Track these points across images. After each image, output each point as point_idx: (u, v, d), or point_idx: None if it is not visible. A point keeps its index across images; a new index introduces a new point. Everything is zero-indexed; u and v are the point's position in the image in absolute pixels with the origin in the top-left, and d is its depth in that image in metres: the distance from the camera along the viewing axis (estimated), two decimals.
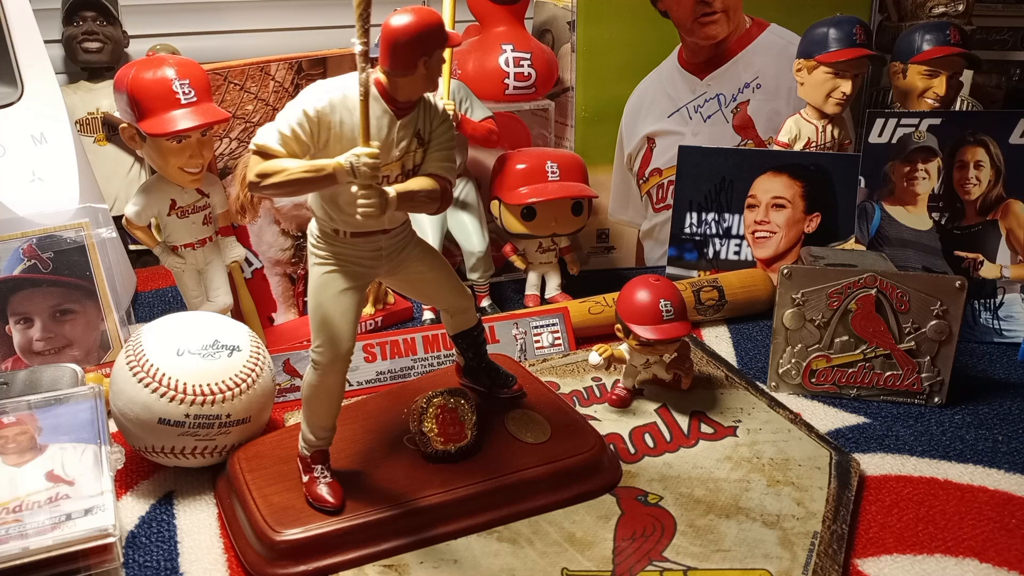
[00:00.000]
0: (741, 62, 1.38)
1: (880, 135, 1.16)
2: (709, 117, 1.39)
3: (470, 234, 1.23)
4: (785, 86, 1.38)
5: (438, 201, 0.72)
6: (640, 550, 0.74)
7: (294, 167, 0.66)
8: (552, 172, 1.21)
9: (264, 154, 0.68)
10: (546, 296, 1.28)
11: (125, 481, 0.86)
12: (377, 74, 0.70)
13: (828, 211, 1.28)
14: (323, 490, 0.75)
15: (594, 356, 0.95)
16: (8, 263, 1.01)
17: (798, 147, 1.31)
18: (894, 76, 1.35)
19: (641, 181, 1.41)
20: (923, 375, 1.00)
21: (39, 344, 1.01)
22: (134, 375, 0.80)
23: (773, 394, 1.02)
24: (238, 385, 0.82)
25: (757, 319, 1.24)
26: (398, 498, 0.76)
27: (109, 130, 1.50)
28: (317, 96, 0.68)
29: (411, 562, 0.73)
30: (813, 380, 1.02)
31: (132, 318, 1.18)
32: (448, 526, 0.76)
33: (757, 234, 1.30)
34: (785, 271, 1.00)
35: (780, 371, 1.03)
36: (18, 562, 0.67)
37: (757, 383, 1.03)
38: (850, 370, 1.01)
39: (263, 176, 0.67)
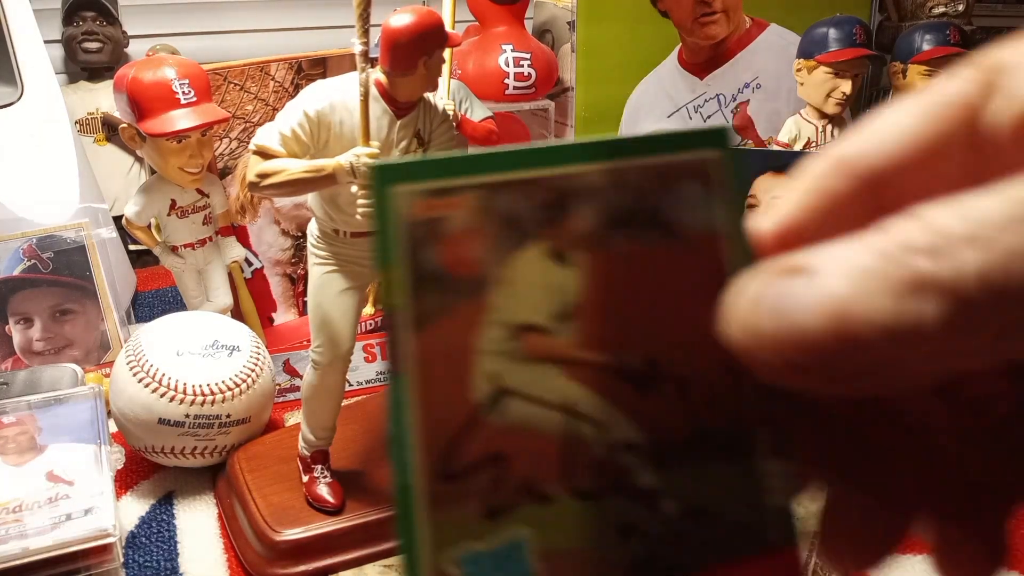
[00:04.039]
0: (741, 62, 1.38)
1: None
2: (709, 117, 1.39)
3: None
4: (785, 86, 1.38)
5: None
6: None
7: (294, 167, 0.66)
8: None
9: (264, 154, 0.67)
10: None
11: (125, 481, 0.86)
12: (377, 74, 0.69)
13: None
14: (323, 490, 0.75)
15: None
16: (8, 263, 1.01)
17: (798, 147, 1.31)
18: (894, 76, 1.35)
19: None
20: None
21: (39, 344, 1.01)
22: (134, 375, 0.80)
23: None
24: (238, 385, 0.82)
25: None
26: None
27: (109, 130, 1.50)
28: (317, 96, 0.68)
29: None
30: None
31: (132, 318, 1.18)
32: None
33: None
34: None
35: None
36: (18, 562, 0.67)
37: None
38: None
39: (263, 176, 0.67)
